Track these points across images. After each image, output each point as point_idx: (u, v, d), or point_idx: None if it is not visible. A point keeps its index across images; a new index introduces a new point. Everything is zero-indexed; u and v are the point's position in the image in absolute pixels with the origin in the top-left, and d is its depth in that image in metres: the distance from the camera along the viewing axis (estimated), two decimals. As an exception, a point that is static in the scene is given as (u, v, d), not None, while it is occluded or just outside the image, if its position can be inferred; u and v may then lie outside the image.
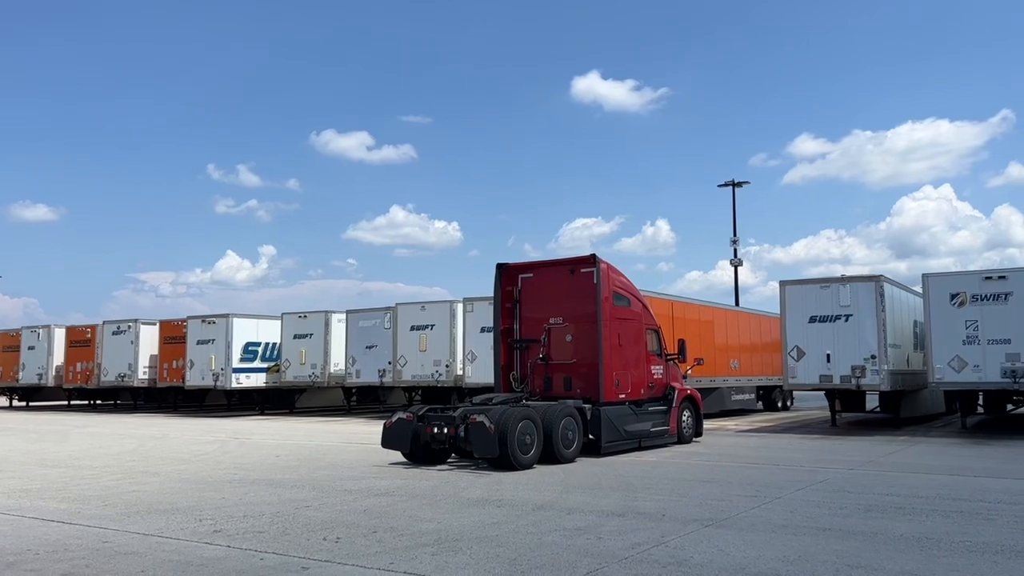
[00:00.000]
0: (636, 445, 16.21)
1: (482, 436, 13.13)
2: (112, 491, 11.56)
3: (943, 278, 20.64)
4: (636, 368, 16.57)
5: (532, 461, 13.54)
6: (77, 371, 38.21)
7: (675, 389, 17.71)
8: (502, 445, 13.03)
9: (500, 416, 13.29)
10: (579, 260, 16.36)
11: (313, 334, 31.93)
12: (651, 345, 17.29)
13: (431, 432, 14.05)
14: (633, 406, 16.25)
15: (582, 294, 15.94)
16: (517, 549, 7.51)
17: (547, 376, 16.25)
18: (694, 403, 18.49)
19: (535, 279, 16.93)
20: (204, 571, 6.83)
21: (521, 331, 16.84)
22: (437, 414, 14.46)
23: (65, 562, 7.18)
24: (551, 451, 13.94)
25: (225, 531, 8.53)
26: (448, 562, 7.04)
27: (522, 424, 13.46)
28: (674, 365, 18.30)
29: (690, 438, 18.08)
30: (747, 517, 9.11)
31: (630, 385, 16.25)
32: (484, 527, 8.62)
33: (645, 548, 7.50)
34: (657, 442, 16.89)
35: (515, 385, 16.42)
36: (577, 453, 14.57)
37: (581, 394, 15.64)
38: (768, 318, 33.92)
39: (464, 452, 14.29)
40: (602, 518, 9.08)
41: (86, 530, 8.68)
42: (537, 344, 16.37)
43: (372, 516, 9.38)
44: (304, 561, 7.13)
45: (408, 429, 14.26)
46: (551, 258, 17.37)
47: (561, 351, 16.21)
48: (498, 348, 16.80)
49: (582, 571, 6.67)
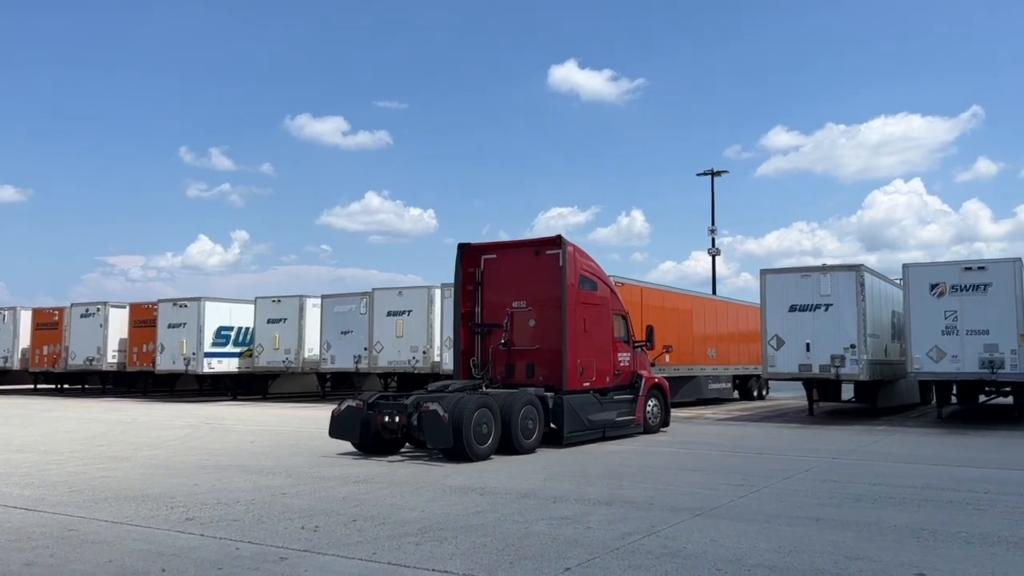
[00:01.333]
0: (600, 435, 15.54)
1: (435, 425, 12.38)
2: (79, 477, 11.14)
3: (923, 268, 20.63)
4: (602, 355, 15.90)
5: (489, 452, 12.85)
6: (44, 354, 37.39)
7: (642, 377, 17.07)
8: (456, 435, 12.30)
9: (455, 404, 12.57)
10: (544, 241, 15.63)
11: (287, 319, 31.44)
12: (618, 331, 16.64)
13: (382, 421, 13.27)
14: (598, 394, 15.58)
15: (547, 277, 15.23)
16: (503, 539, 7.24)
17: (509, 362, 15.50)
18: (661, 392, 17.87)
19: (498, 261, 16.14)
20: (175, 561, 6.49)
21: (483, 315, 16.05)
22: (389, 402, 13.72)
23: (27, 551, 6.81)
24: (510, 441, 13.25)
25: (198, 519, 8.18)
26: (433, 552, 6.75)
27: (478, 413, 12.73)
28: (642, 352, 17.63)
29: (657, 428, 17.43)
30: (737, 507, 8.91)
31: (595, 373, 15.53)
32: (468, 516, 8.35)
33: (635, 538, 7.26)
34: (622, 432, 16.24)
35: (475, 372, 15.70)
36: (537, 443, 13.90)
37: (544, 381, 14.92)
38: (745, 307, 33.94)
39: (418, 442, 13.62)
40: (589, 507, 8.83)
41: (51, 517, 8.29)
42: (499, 329, 15.63)
43: (351, 504, 9.07)
44: (281, 551, 6.81)
45: (358, 418, 13.43)
46: (516, 239, 16.57)
47: (524, 336, 15.49)
48: (458, 332, 16.09)
49: (573, 562, 6.41)
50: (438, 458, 12.87)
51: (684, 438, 17.03)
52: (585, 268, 15.66)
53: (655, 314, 25.75)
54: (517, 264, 15.88)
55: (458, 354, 16.03)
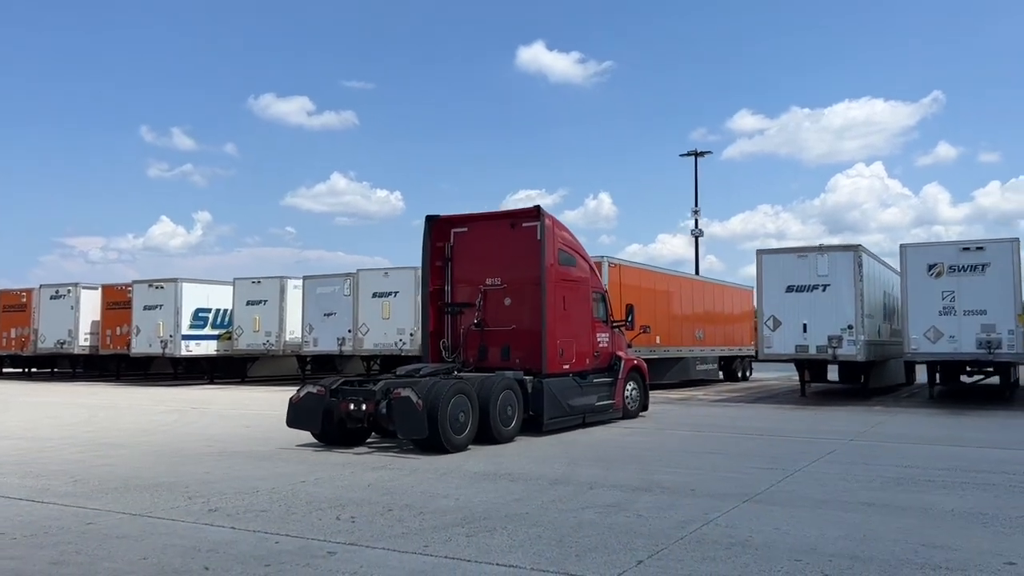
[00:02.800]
0: (580, 421, 14.53)
1: (408, 413, 11.19)
2: (79, 465, 10.58)
3: (921, 248, 20.54)
4: (581, 336, 14.86)
5: (466, 442, 11.79)
6: (11, 337, 36.23)
7: (621, 359, 16.10)
8: (432, 424, 11.15)
9: (429, 390, 11.42)
10: (521, 213, 14.48)
11: (267, 301, 30.72)
12: (597, 311, 15.58)
13: (346, 409, 12.03)
14: (577, 378, 14.51)
15: (523, 252, 14.10)
16: (556, 529, 6.86)
17: (482, 344, 14.46)
18: (640, 374, 16.92)
19: (470, 234, 14.98)
20: (215, 557, 6.03)
21: (453, 293, 14.96)
22: (354, 387, 12.40)
23: (49, 548, 6.30)
24: (487, 429, 12.19)
25: (222, 510, 7.71)
26: (488, 544, 6.36)
27: (455, 399, 11.62)
28: (619, 333, 16.64)
29: (636, 412, 16.46)
30: (780, 492, 8.61)
31: (575, 355, 14.52)
32: (508, 504, 7.96)
33: (695, 527, 6.92)
34: (602, 417, 15.26)
35: (445, 354, 14.66)
36: (517, 431, 12.90)
37: (520, 365, 13.82)
38: (730, 288, 33.94)
39: (386, 432, 12.43)
40: (629, 493, 8.49)
41: (62, 510, 7.76)
42: (471, 308, 14.59)
43: (379, 492, 8.64)
44: (326, 544, 6.38)
45: (319, 405, 12.13)
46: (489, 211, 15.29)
47: (498, 316, 14.43)
48: (426, 312, 14.93)
49: (642, 554, 6.05)
50: (410, 450, 11.74)
51: (688, 420, 16.80)
52: (564, 242, 14.59)
53: (643, 295, 25.53)
54: (491, 238, 14.78)
55: (427, 335, 14.90)
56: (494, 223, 14.92)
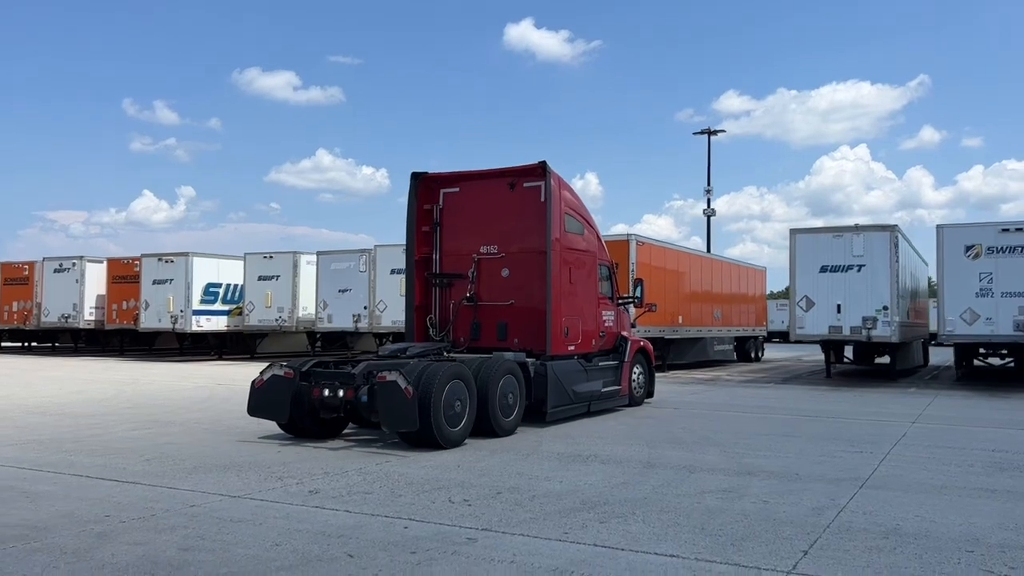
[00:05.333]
0: (585, 409, 13.03)
1: (395, 401, 9.38)
2: (139, 442, 10.18)
3: (958, 229, 20.36)
4: (587, 314, 13.26)
5: (463, 436, 10.09)
6: (13, 311, 35.55)
7: (627, 340, 14.56)
8: (424, 414, 9.38)
9: (421, 374, 9.66)
10: (522, 170, 12.69)
11: (280, 276, 30.23)
12: (603, 285, 14.01)
13: (319, 395, 10.13)
14: (583, 361, 13.01)
15: (525, 215, 12.57)
16: (689, 516, 6.55)
17: (475, 321, 12.85)
18: (647, 357, 15.41)
19: (462, 195, 13.30)
20: (353, 543, 5.67)
21: (442, 263, 13.31)
22: (329, 370, 10.52)
23: (167, 532, 5.93)
24: (485, 420, 10.53)
25: (323, 492, 7.35)
26: (629, 531, 6.04)
27: (451, 386, 9.89)
28: (625, 311, 15.18)
29: (641, 399, 15.03)
30: (889, 477, 8.33)
31: (580, 335, 12.91)
32: (617, 488, 7.65)
33: (831, 514, 6.63)
34: (607, 405, 13.80)
35: (433, 332, 13.06)
36: (518, 422, 11.29)
37: (519, 345, 12.30)
38: (745, 268, 33.75)
39: (366, 422, 10.87)
40: (734, 478, 8.20)
41: (153, 490, 7.38)
42: (463, 280, 12.93)
43: (474, 473, 8.31)
44: (459, 530, 6.04)
45: (286, 390, 10.23)
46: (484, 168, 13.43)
47: (494, 289, 12.83)
48: (411, 284, 13.23)
49: (801, 544, 5.75)
50: (394, 444, 10.10)
51: (728, 401, 16.55)
52: (570, 206, 12.94)
53: (668, 275, 25.29)
54: (486, 199, 13.13)
55: (411, 310, 13.20)
56: (490, 182, 13.15)
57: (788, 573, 5.08)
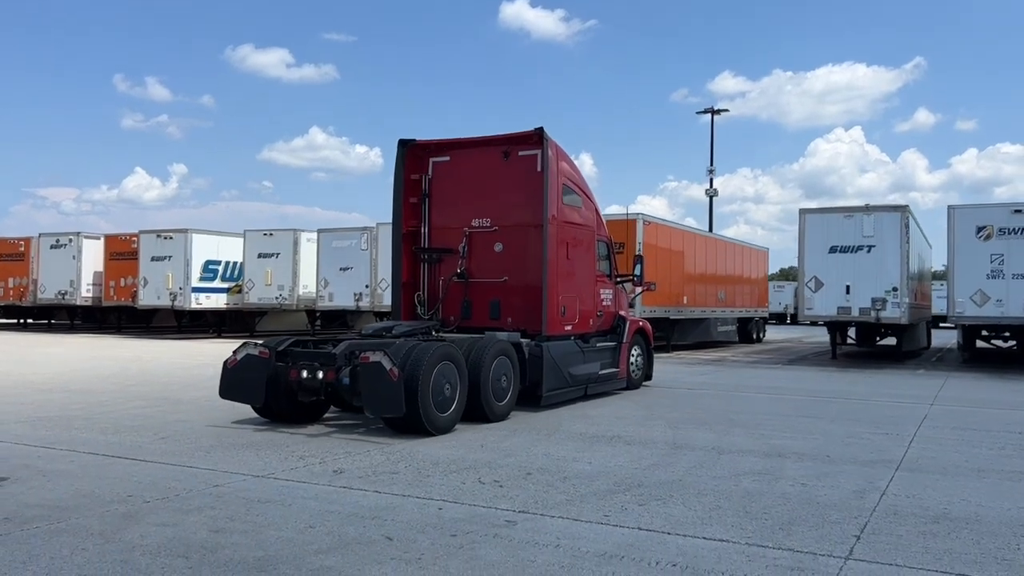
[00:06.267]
0: (582, 393, 12.40)
1: (379, 384, 8.65)
2: (150, 420, 9.96)
3: (970, 210, 20.16)
4: (584, 292, 12.61)
5: (452, 422, 9.39)
6: (9, 287, 35.16)
7: (625, 320, 13.91)
8: (410, 398, 8.67)
9: (408, 355, 8.97)
10: (517, 138, 11.96)
11: (280, 253, 29.91)
12: (600, 262, 13.34)
13: (297, 377, 9.40)
14: (580, 342, 12.34)
15: (519, 186, 11.89)
16: (729, 498, 6.37)
17: (466, 299, 12.15)
18: (645, 338, 14.75)
19: (453, 165, 12.58)
20: (390, 525, 5.48)
21: (431, 236, 12.60)
22: (308, 350, 9.91)
23: (195, 512, 5.72)
24: (476, 405, 9.86)
25: (348, 472, 7.16)
26: (671, 514, 5.86)
27: (441, 367, 9.18)
28: (623, 289, 14.45)
29: (639, 382, 14.36)
30: (923, 459, 8.17)
31: (577, 314, 12.25)
32: (648, 469, 7.47)
33: (874, 498, 6.47)
34: (604, 388, 13.17)
35: (421, 310, 12.36)
36: (511, 406, 10.59)
37: (513, 324, 11.68)
38: (748, 248, 33.56)
39: (349, 406, 10.10)
40: (765, 459, 8.03)
41: (174, 469, 7.17)
42: (453, 255, 12.24)
43: (499, 453, 8.12)
44: (497, 512, 5.84)
45: (261, 371, 9.48)
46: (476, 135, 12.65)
47: (486, 265, 12.10)
48: (398, 259, 12.50)
49: (851, 528, 5.58)
50: (378, 430, 9.40)
51: (739, 381, 16.40)
52: (569, 177, 12.23)
53: (673, 256, 25.10)
54: (479, 169, 12.43)
55: (398, 287, 12.54)
56: (483, 151, 12.44)
57: (845, 559, 4.91)
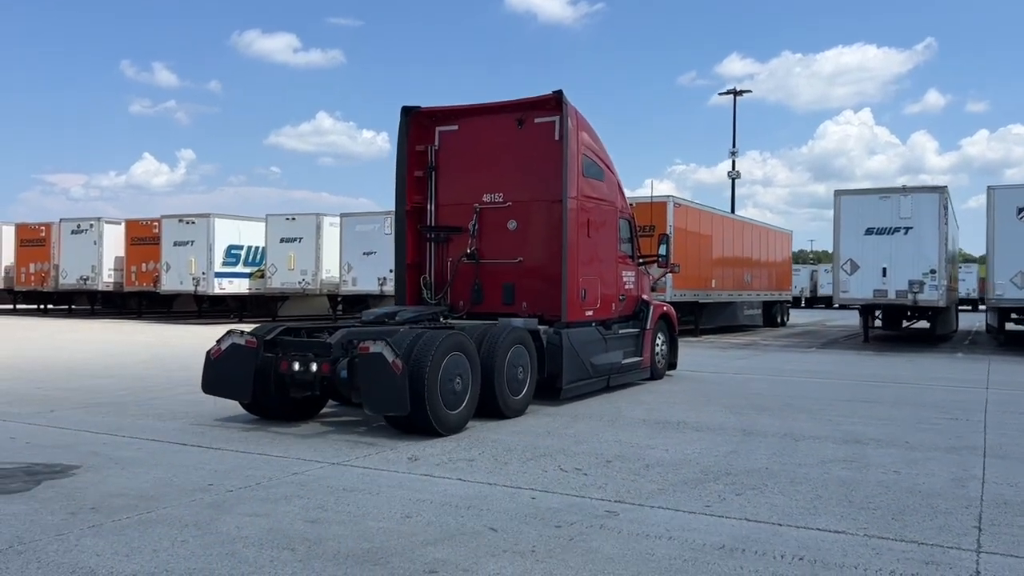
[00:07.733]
0: (604, 384, 11.31)
1: (380, 378, 7.60)
2: (203, 406, 9.68)
3: (1010, 190, 19.86)
4: (607, 274, 11.57)
5: (463, 420, 8.34)
6: (31, 273, 35.11)
7: (649, 305, 12.88)
8: (416, 394, 7.63)
9: (412, 345, 7.93)
10: (532, 103, 10.84)
11: (303, 238, 29.76)
12: (623, 242, 12.21)
13: (288, 369, 8.34)
14: (601, 328, 11.29)
15: (535, 157, 10.79)
16: (826, 487, 6.17)
17: (476, 282, 11.11)
18: (669, 324, 13.66)
19: (462, 134, 11.45)
20: (484, 516, 5.29)
21: (437, 214, 11.49)
22: (300, 339, 8.86)
23: (283, 502, 5.54)
24: (491, 399, 8.83)
25: (422, 459, 6.99)
26: (774, 504, 5.67)
27: (450, 359, 8.12)
28: (645, 271, 13.36)
29: (663, 372, 13.30)
30: (1007, 446, 7.95)
31: (599, 299, 11.22)
32: (728, 456, 7.27)
33: (976, 486, 6.26)
34: (627, 379, 12.12)
35: (427, 295, 11.31)
36: (528, 400, 9.63)
37: (528, 310, 10.68)
38: (773, 231, 33.30)
39: (346, 400, 8.94)
40: (845, 446, 7.82)
41: (246, 457, 7.00)
42: (463, 234, 11.18)
43: (569, 440, 7.94)
44: (594, 503, 5.66)
45: (248, 363, 8.37)
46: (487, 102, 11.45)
47: (499, 245, 11.01)
48: (402, 238, 11.37)
49: (967, 520, 5.37)
50: (379, 429, 8.38)
51: (780, 366, 16.19)
52: (590, 147, 11.05)
53: (703, 240, 24.86)
54: (490, 139, 11.30)
55: (402, 269, 11.42)
56: (494, 118, 11.34)
57: (977, 552, 4.71)
